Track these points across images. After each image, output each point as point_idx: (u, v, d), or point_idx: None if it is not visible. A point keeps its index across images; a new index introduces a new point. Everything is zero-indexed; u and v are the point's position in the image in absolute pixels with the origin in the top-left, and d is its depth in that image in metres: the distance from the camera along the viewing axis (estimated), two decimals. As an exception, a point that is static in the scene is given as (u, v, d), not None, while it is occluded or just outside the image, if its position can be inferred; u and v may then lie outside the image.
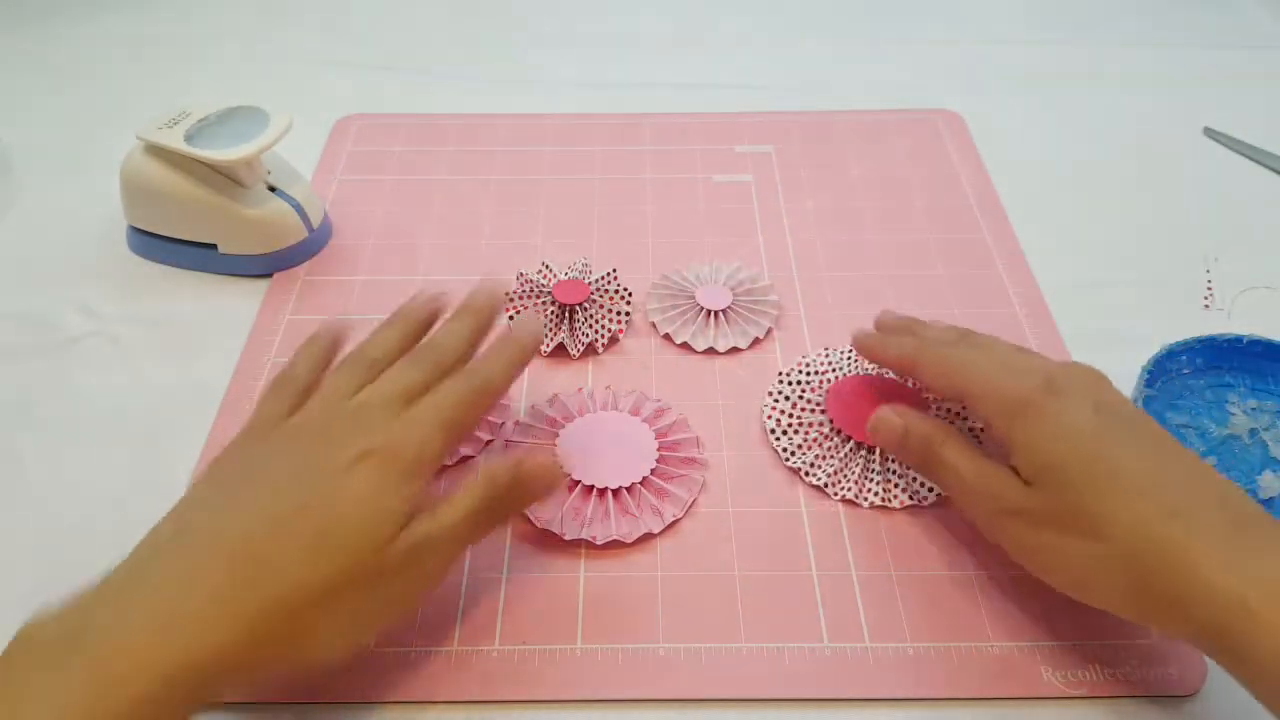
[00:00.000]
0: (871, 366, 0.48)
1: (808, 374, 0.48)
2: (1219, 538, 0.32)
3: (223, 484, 0.35)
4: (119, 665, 0.29)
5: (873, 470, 0.44)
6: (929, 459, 0.40)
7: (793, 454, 0.45)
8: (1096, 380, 0.39)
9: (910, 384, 0.47)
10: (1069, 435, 0.35)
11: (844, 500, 0.44)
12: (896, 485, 0.44)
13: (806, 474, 0.44)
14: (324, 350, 0.41)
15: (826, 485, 0.44)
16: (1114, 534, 0.33)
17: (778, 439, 0.46)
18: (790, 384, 0.48)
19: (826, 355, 0.49)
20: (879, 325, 0.47)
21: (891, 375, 0.47)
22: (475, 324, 0.41)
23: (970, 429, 0.45)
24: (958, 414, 0.45)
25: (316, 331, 0.41)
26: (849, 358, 0.49)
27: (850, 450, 0.45)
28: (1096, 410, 0.36)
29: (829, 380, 0.47)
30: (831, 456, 0.45)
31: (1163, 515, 0.33)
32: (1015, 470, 0.37)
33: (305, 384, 0.39)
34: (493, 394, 0.39)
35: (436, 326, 0.42)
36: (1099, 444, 0.35)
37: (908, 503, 0.43)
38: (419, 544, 0.34)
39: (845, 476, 0.44)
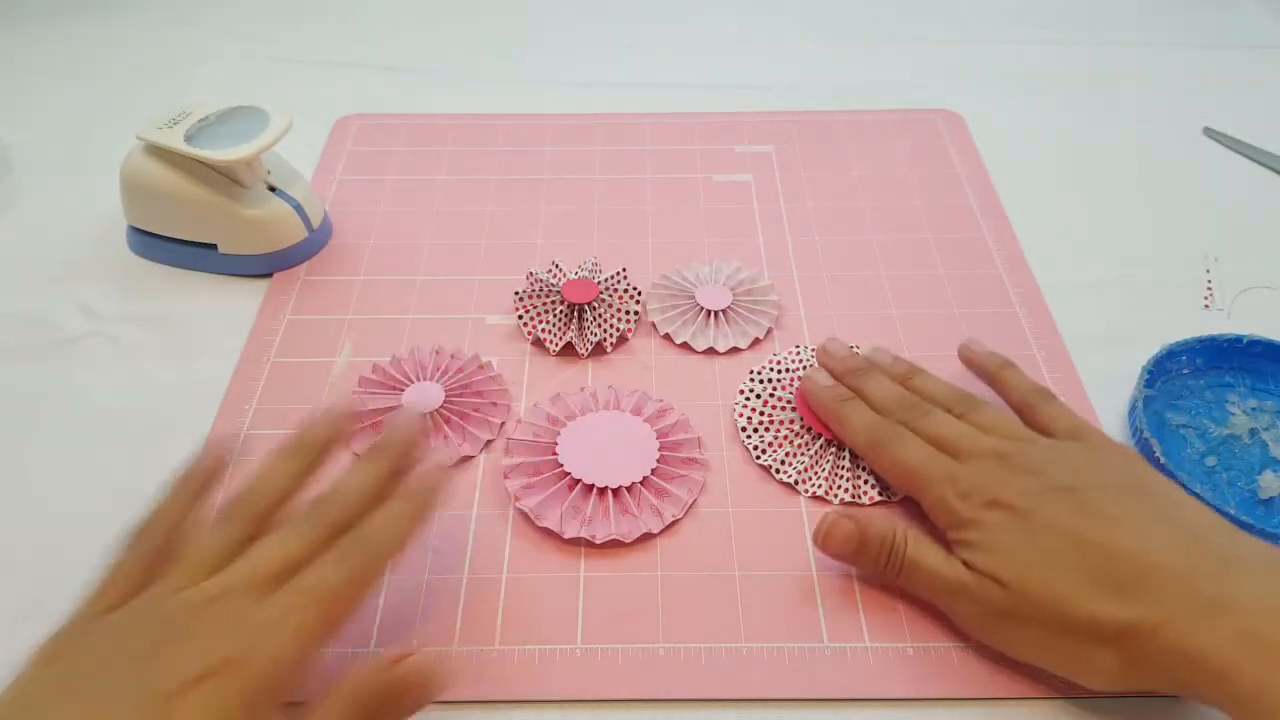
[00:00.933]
0: None
1: (779, 372, 0.48)
2: (1184, 603, 0.32)
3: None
4: None
5: (842, 467, 0.44)
6: (894, 563, 0.38)
7: (763, 451, 0.45)
8: (1045, 463, 0.38)
9: None
10: (1019, 552, 0.36)
11: (814, 497, 0.44)
12: (866, 482, 0.44)
13: (777, 471, 0.44)
14: (197, 488, 0.34)
15: (796, 483, 0.44)
16: (1088, 627, 0.34)
17: (748, 436, 0.46)
18: (761, 382, 0.48)
19: (798, 353, 0.50)
20: (826, 362, 0.47)
21: None
22: (388, 468, 0.36)
23: None
24: None
25: (192, 463, 0.35)
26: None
27: (820, 448, 0.45)
28: (1043, 502, 0.36)
29: (799, 378, 0.48)
30: (801, 454, 0.45)
31: (1123, 601, 0.33)
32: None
33: (166, 539, 0.32)
34: (380, 568, 0.33)
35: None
36: (1051, 548, 0.35)
37: (877, 499, 0.43)
38: None
39: (815, 474, 0.44)
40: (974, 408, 0.42)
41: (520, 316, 0.51)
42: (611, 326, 0.51)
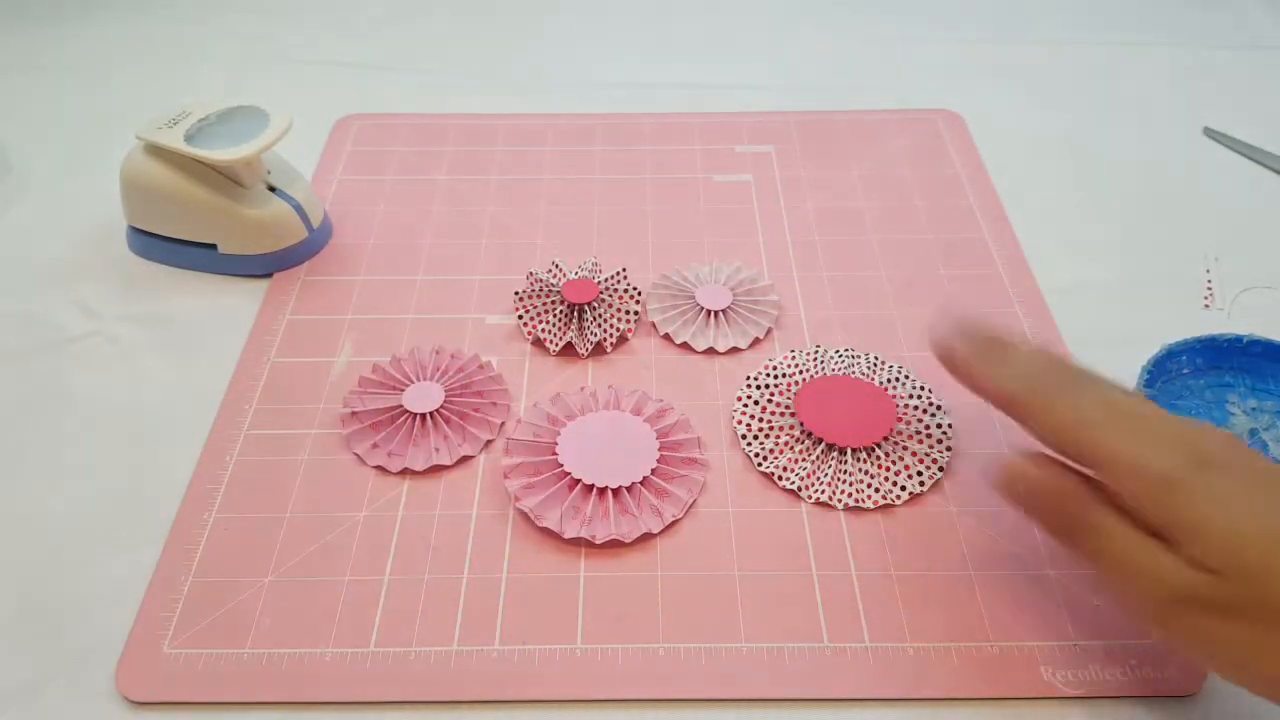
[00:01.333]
0: (837, 368, 0.48)
1: (775, 377, 0.48)
2: None
3: None
4: None
5: (845, 472, 0.44)
6: (1072, 523, 0.34)
7: (765, 459, 0.45)
8: (1233, 442, 0.33)
9: (880, 384, 0.47)
10: (1242, 520, 0.30)
11: (817, 503, 0.44)
12: (869, 486, 0.44)
13: (779, 478, 0.44)
14: None
15: (800, 489, 0.44)
16: None
17: (749, 444, 0.46)
18: (758, 388, 0.48)
19: (793, 357, 0.49)
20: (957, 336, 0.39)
21: (858, 376, 0.47)
22: None
23: None
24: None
25: None
26: (815, 360, 0.49)
27: (822, 453, 0.45)
28: (1267, 482, 0.32)
29: (796, 383, 0.47)
30: (804, 460, 0.45)
31: None
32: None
33: None
34: None
35: None
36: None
37: (881, 503, 0.43)
38: None
39: (818, 480, 0.44)
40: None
41: (520, 316, 0.51)
42: (611, 326, 0.51)
